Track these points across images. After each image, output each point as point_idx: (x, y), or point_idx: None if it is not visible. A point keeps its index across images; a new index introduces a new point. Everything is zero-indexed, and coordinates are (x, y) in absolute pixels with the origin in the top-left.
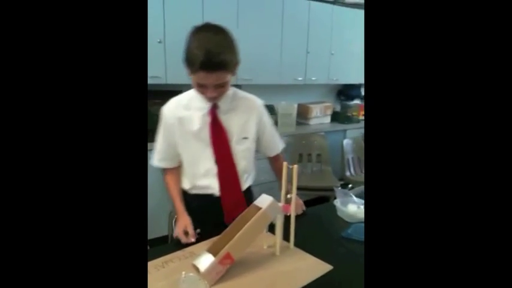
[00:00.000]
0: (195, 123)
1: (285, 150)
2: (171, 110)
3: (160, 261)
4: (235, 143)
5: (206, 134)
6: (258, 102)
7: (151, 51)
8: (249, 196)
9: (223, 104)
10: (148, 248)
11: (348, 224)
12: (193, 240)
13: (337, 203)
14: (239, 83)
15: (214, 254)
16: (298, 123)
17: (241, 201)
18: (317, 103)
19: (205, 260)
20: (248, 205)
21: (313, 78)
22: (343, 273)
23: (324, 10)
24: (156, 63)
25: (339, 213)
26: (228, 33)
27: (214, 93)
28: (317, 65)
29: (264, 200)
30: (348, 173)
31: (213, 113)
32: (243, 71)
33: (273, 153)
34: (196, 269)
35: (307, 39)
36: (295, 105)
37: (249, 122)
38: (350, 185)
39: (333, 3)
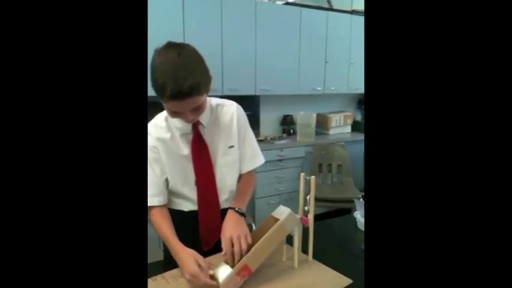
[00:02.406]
0: (181, 147)
1: (304, 160)
2: (152, 135)
3: (178, 271)
4: (222, 155)
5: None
6: (234, 104)
7: None
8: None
9: (204, 119)
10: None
11: None
12: (211, 272)
13: (357, 215)
14: (258, 93)
15: (232, 266)
16: (318, 133)
17: (218, 227)
18: (336, 112)
19: (223, 271)
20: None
21: (332, 88)
22: (362, 287)
23: (342, 19)
24: None
25: (359, 226)
26: (192, 51)
27: (191, 117)
28: (336, 75)
29: (281, 212)
30: None
31: (196, 130)
32: (262, 82)
33: (248, 168)
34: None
35: (325, 49)
36: (314, 115)
37: (232, 127)
38: None
39: (351, 12)
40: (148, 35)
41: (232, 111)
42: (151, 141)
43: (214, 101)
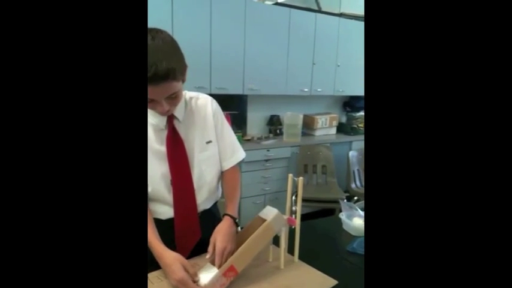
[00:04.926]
0: (156, 144)
1: (290, 160)
2: None
3: (163, 272)
4: (200, 151)
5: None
6: (209, 98)
7: None
8: (215, 211)
9: (179, 113)
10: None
11: (353, 238)
12: (197, 279)
13: (342, 216)
14: (246, 93)
15: (218, 266)
16: (304, 134)
17: (195, 231)
18: (322, 114)
19: (209, 272)
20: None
21: (319, 90)
22: None
23: (330, 22)
24: None
25: (344, 227)
26: (166, 36)
27: (167, 106)
28: (323, 77)
29: (268, 212)
30: (353, 185)
31: (171, 125)
32: (250, 81)
33: (231, 164)
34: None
35: (313, 50)
36: (301, 116)
37: (207, 121)
38: (356, 198)
39: (339, 15)
40: None
41: (207, 104)
42: None
43: (188, 94)
